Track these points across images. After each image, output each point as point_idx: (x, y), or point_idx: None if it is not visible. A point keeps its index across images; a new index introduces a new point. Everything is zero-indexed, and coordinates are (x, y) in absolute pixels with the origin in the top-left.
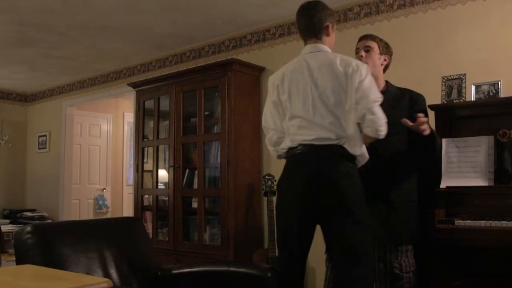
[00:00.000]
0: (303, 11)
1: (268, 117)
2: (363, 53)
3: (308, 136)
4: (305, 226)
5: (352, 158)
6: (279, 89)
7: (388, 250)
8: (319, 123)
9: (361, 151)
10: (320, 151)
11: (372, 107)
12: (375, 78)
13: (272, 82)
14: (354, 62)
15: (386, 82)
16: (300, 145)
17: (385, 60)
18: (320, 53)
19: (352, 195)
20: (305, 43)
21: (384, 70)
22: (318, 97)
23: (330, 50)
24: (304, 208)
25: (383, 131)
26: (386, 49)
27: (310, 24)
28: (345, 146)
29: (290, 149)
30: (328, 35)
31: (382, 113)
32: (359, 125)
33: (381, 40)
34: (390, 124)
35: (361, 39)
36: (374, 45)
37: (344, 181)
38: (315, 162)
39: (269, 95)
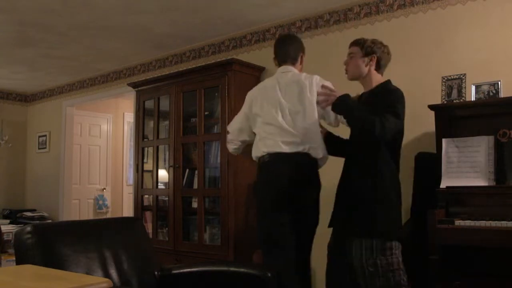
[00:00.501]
0: (283, 41)
1: (235, 122)
2: (345, 61)
3: (278, 142)
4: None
5: (315, 162)
6: (253, 102)
7: (358, 246)
8: (288, 131)
9: (323, 154)
10: (290, 157)
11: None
12: (362, 77)
13: (250, 96)
14: (315, 76)
15: (389, 81)
16: (271, 152)
17: (371, 60)
18: (290, 73)
19: (314, 195)
20: (279, 65)
21: (378, 68)
22: (287, 108)
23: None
24: (283, 205)
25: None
26: (370, 49)
27: (287, 53)
28: (310, 152)
29: (263, 155)
30: (300, 63)
31: None
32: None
33: (365, 41)
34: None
35: (349, 47)
36: (355, 50)
37: (308, 184)
38: (287, 168)
39: (244, 106)
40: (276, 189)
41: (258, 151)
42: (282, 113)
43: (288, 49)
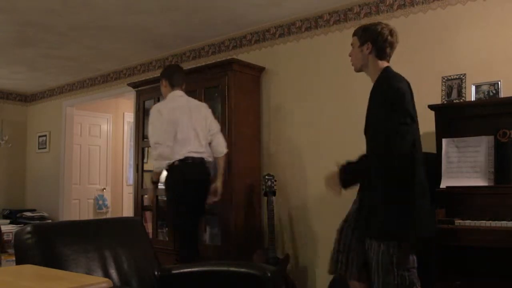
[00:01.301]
0: (178, 69)
1: (163, 133)
2: (350, 52)
3: (191, 150)
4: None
5: (208, 164)
6: (171, 115)
7: (382, 244)
8: (197, 142)
9: (223, 151)
10: (198, 161)
11: (219, 131)
12: (365, 68)
13: (160, 110)
14: (205, 103)
15: (383, 70)
16: (187, 157)
17: (367, 48)
18: (188, 97)
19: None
20: (172, 88)
21: (379, 56)
22: (196, 127)
23: None
24: (196, 191)
25: (225, 150)
26: (362, 37)
27: (181, 79)
28: (205, 157)
29: (180, 160)
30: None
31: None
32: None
33: (359, 30)
34: (365, 121)
35: None
36: (354, 40)
37: (208, 177)
38: (197, 167)
39: (160, 116)
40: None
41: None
42: (194, 130)
43: (181, 76)
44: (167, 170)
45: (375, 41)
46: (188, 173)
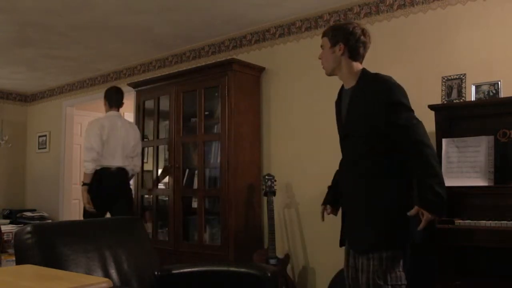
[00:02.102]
0: (117, 91)
1: (98, 143)
2: (320, 55)
3: (116, 162)
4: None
5: (130, 174)
6: (104, 131)
7: (371, 258)
8: (122, 156)
9: (136, 171)
10: (121, 171)
11: (139, 154)
12: (339, 70)
13: (101, 124)
14: (135, 125)
15: (361, 71)
16: (109, 167)
17: (339, 49)
18: (122, 118)
19: (129, 192)
20: (110, 108)
21: (352, 57)
22: (124, 143)
23: None
24: (115, 194)
25: (138, 170)
26: (334, 37)
27: (119, 100)
28: (128, 169)
29: (106, 168)
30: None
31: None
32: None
33: (329, 30)
34: (348, 124)
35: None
36: (324, 41)
37: (128, 186)
38: (119, 176)
39: (97, 128)
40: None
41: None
42: (122, 147)
43: (119, 98)
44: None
45: (347, 41)
46: (106, 180)
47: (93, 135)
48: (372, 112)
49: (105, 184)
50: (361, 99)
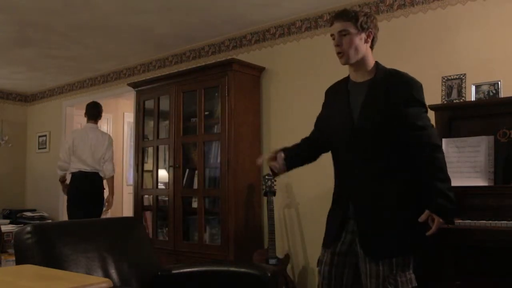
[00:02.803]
0: (94, 105)
1: (67, 153)
2: (339, 41)
3: (87, 167)
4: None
5: (102, 178)
6: (74, 142)
7: (381, 264)
8: (93, 162)
9: (108, 175)
10: (93, 175)
11: (110, 159)
12: (362, 60)
13: (72, 137)
14: (107, 133)
15: (376, 64)
16: (81, 171)
17: (368, 36)
18: (96, 129)
19: (99, 194)
20: (88, 120)
21: (372, 46)
22: (94, 151)
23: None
24: (87, 193)
25: (112, 174)
26: (365, 23)
27: (95, 114)
28: (101, 173)
29: (79, 171)
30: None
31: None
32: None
33: (358, 14)
34: (363, 120)
35: (333, 21)
36: (347, 25)
37: (99, 189)
38: (90, 177)
39: (66, 144)
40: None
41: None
42: (91, 154)
43: (95, 112)
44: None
45: (376, 30)
46: (78, 181)
47: (62, 148)
48: (391, 109)
49: (77, 184)
50: (380, 94)
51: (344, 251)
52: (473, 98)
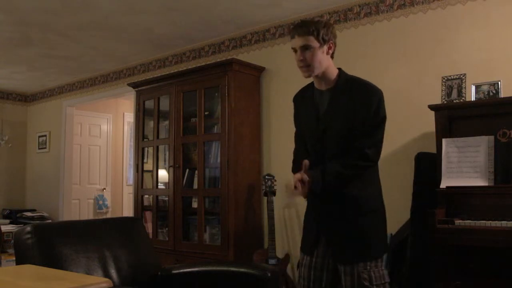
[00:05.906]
0: None
1: None
2: (302, 55)
3: None
4: None
5: None
6: None
7: (355, 263)
8: None
9: None
10: None
11: None
12: (326, 71)
13: None
14: None
15: (339, 71)
16: None
17: (329, 48)
18: None
19: None
20: None
21: (333, 55)
22: None
23: None
24: None
25: None
26: (326, 35)
27: None
28: None
29: None
30: None
31: None
32: None
33: (316, 27)
34: (325, 123)
35: (294, 35)
36: (309, 40)
37: None
38: None
39: None
40: None
41: None
42: None
43: None
44: None
45: (335, 39)
46: None
47: None
48: (352, 115)
49: None
50: (343, 100)
51: (322, 254)
52: (473, 98)
